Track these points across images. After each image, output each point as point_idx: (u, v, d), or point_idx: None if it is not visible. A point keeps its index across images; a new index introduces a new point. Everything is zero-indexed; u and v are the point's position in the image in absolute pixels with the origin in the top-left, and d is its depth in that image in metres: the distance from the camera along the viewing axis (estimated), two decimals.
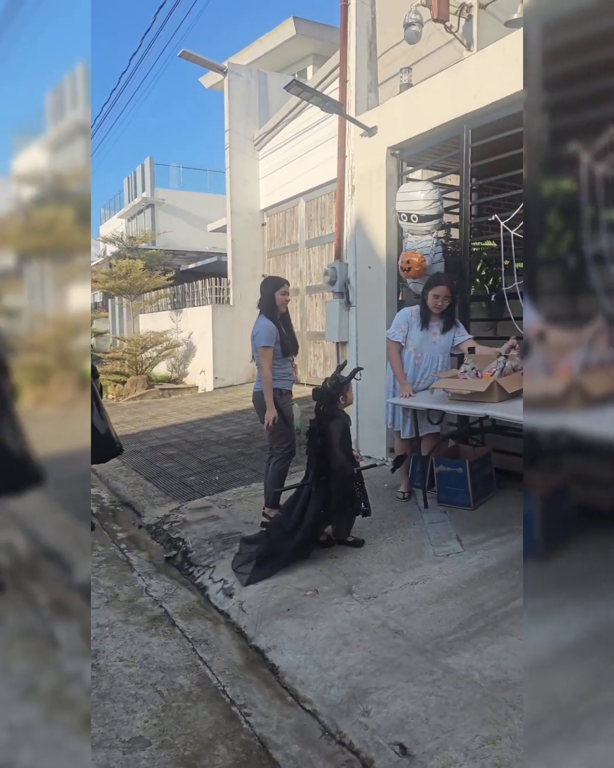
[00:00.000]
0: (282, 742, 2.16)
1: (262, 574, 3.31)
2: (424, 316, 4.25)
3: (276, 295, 4.11)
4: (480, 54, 4.56)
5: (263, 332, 4.01)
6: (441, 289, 4.13)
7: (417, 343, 4.25)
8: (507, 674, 2.35)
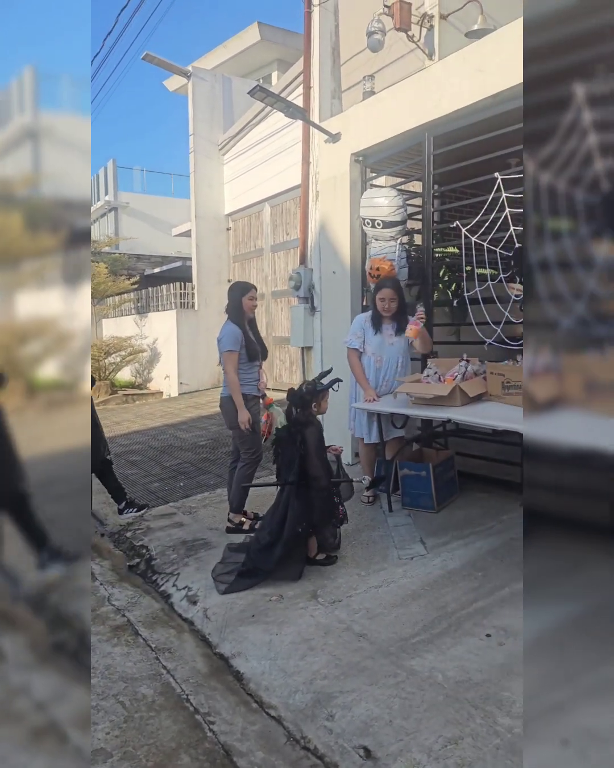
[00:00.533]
0: (246, 749, 2.15)
1: (241, 585, 3.25)
2: (375, 320, 4.32)
3: (243, 300, 4.09)
4: (442, 63, 4.64)
5: (228, 337, 4.00)
6: (386, 292, 4.22)
7: (374, 348, 4.30)
8: (470, 675, 2.38)
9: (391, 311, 4.25)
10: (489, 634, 2.66)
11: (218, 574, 3.36)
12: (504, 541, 3.65)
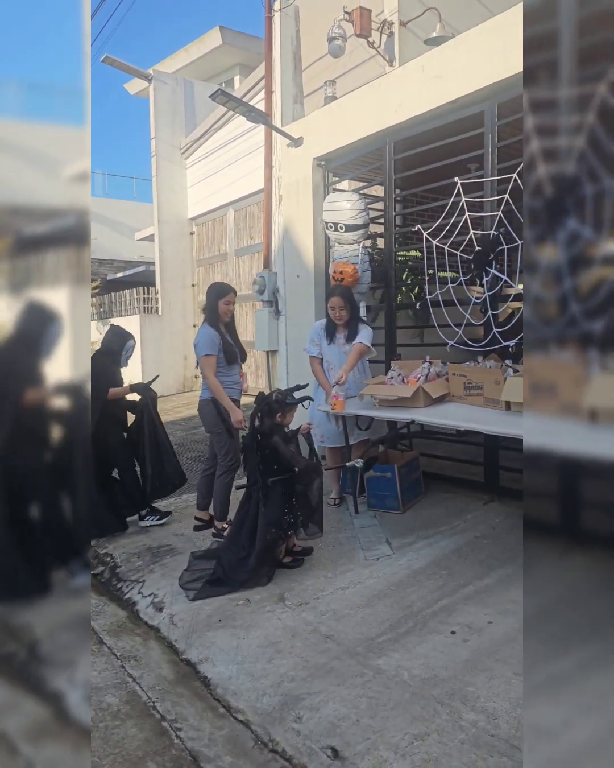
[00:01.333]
0: (214, 754, 2.13)
1: (211, 592, 3.20)
2: (329, 329, 4.34)
3: (219, 304, 4.01)
4: (401, 70, 4.71)
5: (204, 340, 3.92)
6: (335, 300, 4.20)
7: (329, 357, 4.34)
8: (435, 672, 2.41)
9: (343, 319, 4.24)
10: (454, 631, 2.70)
11: (186, 581, 3.32)
12: (468, 539, 3.71)
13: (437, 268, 4.49)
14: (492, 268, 4.09)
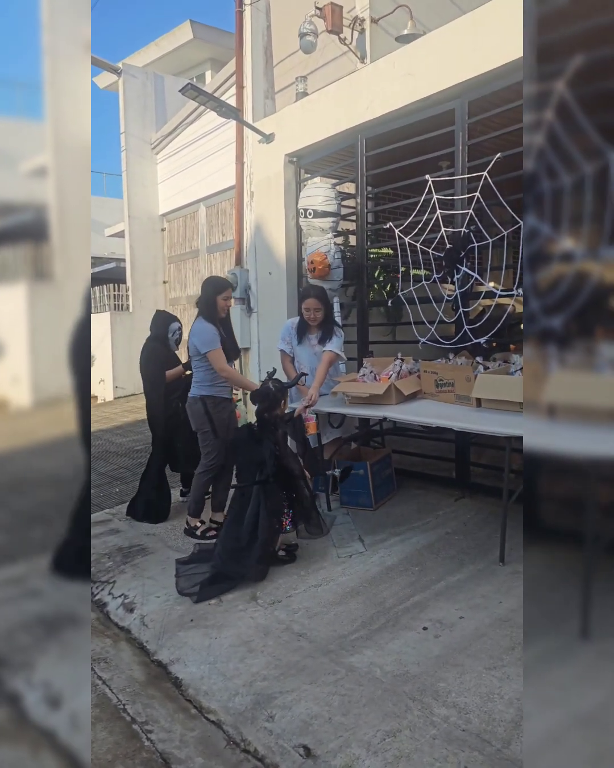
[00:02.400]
0: (185, 756, 2.11)
1: (213, 592, 3.14)
2: (300, 329, 4.29)
3: (217, 300, 3.88)
4: (373, 66, 4.70)
5: (208, 336, 3.78)
6: (310, 302, 4.14)
7: (300, 356, 4.32)
8: (407, 668, 2.42)
9: (317, 321, 4.18)
10: (425, 627, 2.71)
11: (183, 588, 3.20)
12: (439, 535, 3.73)
13: (409, 265, 4.50)
14: (463, 266, 4.12)
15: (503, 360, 3.95)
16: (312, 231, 5.04)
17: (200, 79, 12.41)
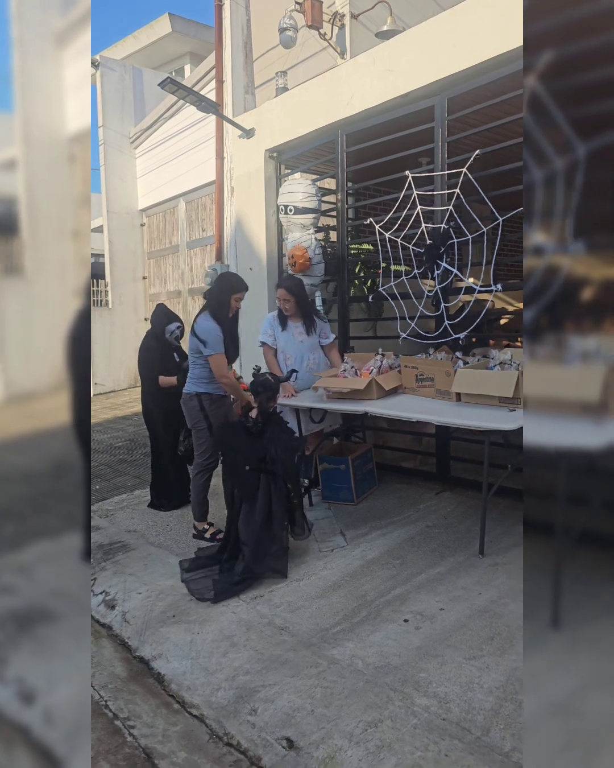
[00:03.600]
0: (168, 750, 2.11)
1: (239, 590, 3.10)
2: (281, 318, 4.35)
3: (231, 299, 3.78)
4: (352, 62, 4.71)
5: (213, 338, 3.64)
6: (280, 292, 4.25)
7: (283, 345, 4.33)
8: (388, 659, 2.44)
9: (292, 311, 4.26)
10: (406, 620, 2.73)
11: (202, 594, 3.10)
12: (420, 529, 3.76)
13: (390, 260, 4.52)
14: (443, 262, 4.15)
15: (482, 355, 3.99)
16: (292, 227, 5.04)
17: (179, 73, 12.32)
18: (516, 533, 3.61)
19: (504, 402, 3.34)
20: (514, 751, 1.92)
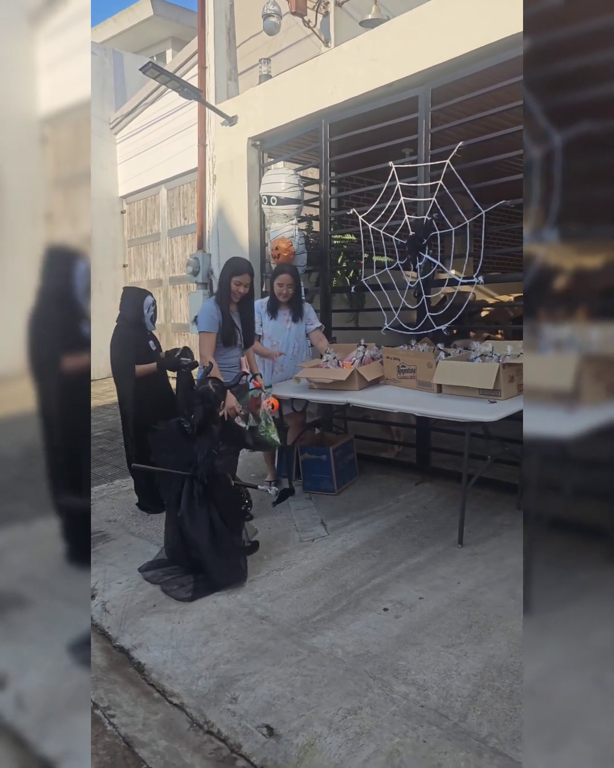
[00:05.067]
0: (148, 739, 2.12)
1: (209, 591, 3.03)
2: (272, 305, 4.33)
3: (230, 282, 3.65)
4: (337, 51, 4.68)
5: (203, 316, 3.59)
6: (284, 278, 4.21)
7: (271, 332, 4.32)
8: (368, 648, 2.47)
9: (288, 297, 4.26)
10: (386, 608, 2.76)
11: (180, 596, 3.01)
12: (400, 519, 3.79)
13: (373, 251, 4.52)
14: (425, 253, 4.16)
15: (463, 347, 4.02)
16: (274, 218, 5.02)
17: (160, 58, 12.15)
18: (494, 523, 3.65)
19: (485, 394, 3.37)
20: (491, 736, 1.95)
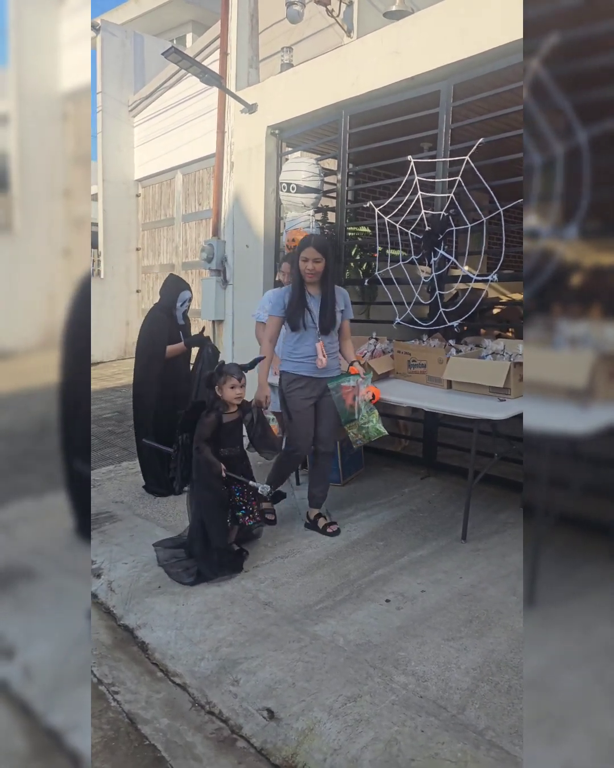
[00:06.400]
0: (151, 716, 2.17)
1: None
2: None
3: (299, 260, 3.31)
4: (360, 42, 4.65)
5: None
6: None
7: None
8: (369, 637, 2.51)
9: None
10: (388, 600, 2.80)
11: (183, 579, 3.04)
12: (404, 512, 3.83)
13: (387, 245, 4.52)
14: (441, 249, 4.16)
15: (475, 344, 4.03)
16: (292, 206, 5.01)
17: (181, 42, 12.09)
18: (498, 520, 3.68)
19: (495, 392, 3.39)
20: (488, 729, 1.99)
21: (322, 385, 3.41)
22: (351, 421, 3.40)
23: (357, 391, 3.34)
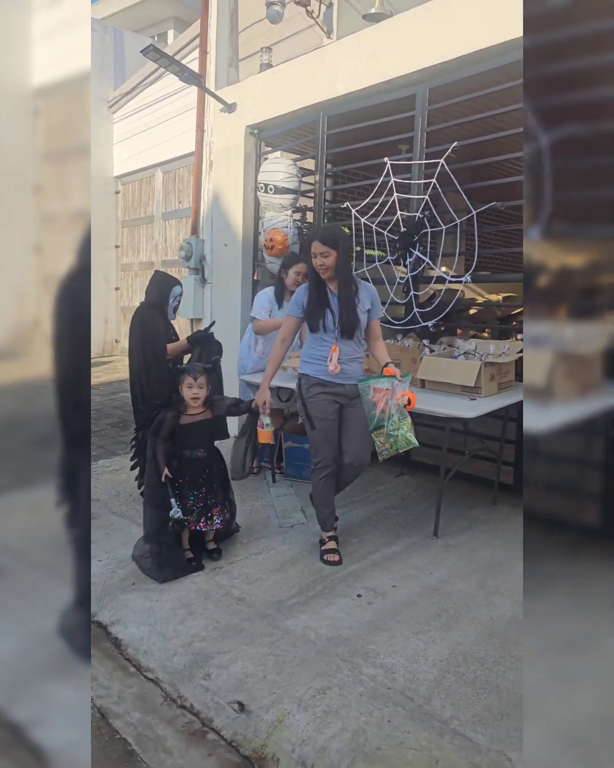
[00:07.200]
0: (122, 711, 2.19)
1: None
2: (278, 294, 4.20)
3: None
4: (338, 44, 4.69)
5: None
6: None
7: None
8: (340, 631, 2.55)
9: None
10: (360, 595, 2.85)
11: (149, 575, 3.08)
12: (378, 509, 3.88)
13: (364, 245, 4.57)
14: (416, 250, 4.22)
15: (448, 344, 4.09)
16: (269, 206, 5.04)
17: (162, 38, 12.04)
18: (469, 517, 3.75)
19: (466, 391, 3.45)
20: (453, 718, 2.05)
21: (348, 392, 3.12)
22: (379, 428, 3.05)
23: (390, 394, 3.01)
